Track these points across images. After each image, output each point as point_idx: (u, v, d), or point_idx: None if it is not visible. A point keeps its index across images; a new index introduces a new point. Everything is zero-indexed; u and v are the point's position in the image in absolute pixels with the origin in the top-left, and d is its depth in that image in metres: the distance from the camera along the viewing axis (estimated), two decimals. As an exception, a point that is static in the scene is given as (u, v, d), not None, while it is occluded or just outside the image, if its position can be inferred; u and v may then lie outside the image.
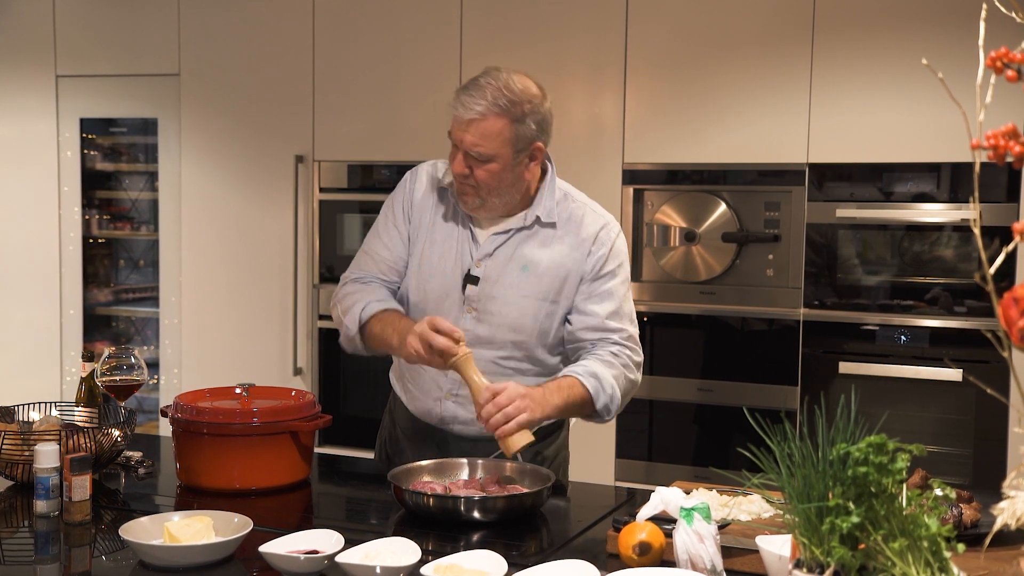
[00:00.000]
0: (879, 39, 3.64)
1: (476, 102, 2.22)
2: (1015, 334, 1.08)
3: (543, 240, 2.34)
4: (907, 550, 1.26)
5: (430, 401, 2.39)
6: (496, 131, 2.21)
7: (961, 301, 3.58)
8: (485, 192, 2.27)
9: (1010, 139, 1.08)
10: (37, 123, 4.89)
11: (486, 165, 2.23)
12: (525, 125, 2.24)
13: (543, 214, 2.33)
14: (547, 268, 2.33)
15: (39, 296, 4.92)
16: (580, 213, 2.37)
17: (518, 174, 2.28)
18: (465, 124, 2.22)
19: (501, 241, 2.33)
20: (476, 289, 2.32)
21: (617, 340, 2.32)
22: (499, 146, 2.22)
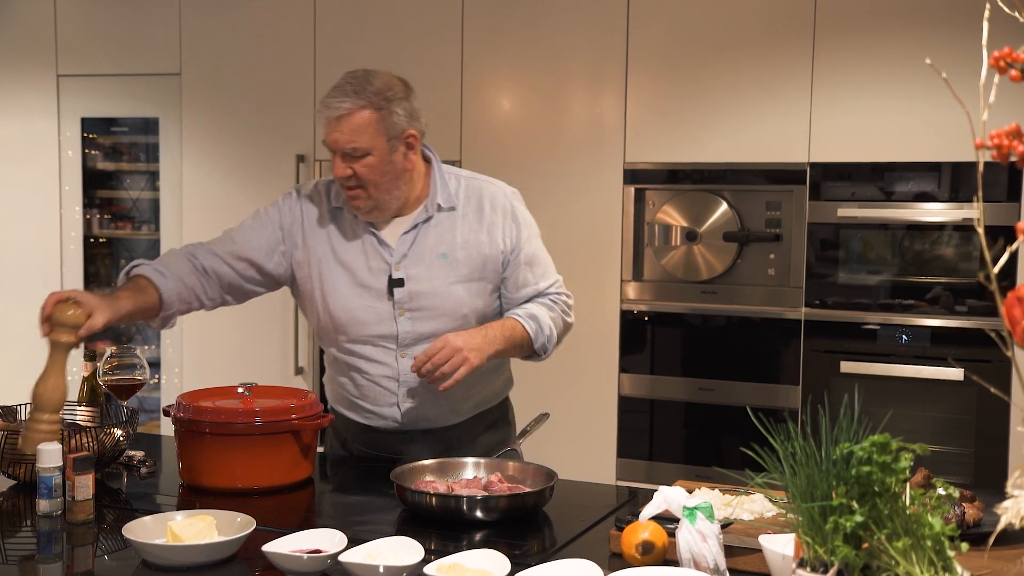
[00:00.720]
0: (880, 38, 3.64)
1: (340, 100, 2.27)
2: (1019, 333, 1.08)
3: (450, 224, 2.40)
4: (911, 549, 1.26)
5: (386, 408, 2.44)
6: (365, 123, 2.26)
7: (962, 300, 3.58)
8: (373, 190, 2.30)
9: (1014, 139, 1.08)
10: (38, 122, 4.89)
11: (364, 160, 2.28)
12: (393, 114, 2.29)
13: (442, 200, 2.39)
14: (464, 249, 2.39)
15: (40, 295, 4.85)
16: (477, 188, 2.44)
17: (399, 166, 2.32)
18: (335, 123, 2.27)
19: (412, 238, 2.38)
20: (403, 291, 2.36)
21: (551, 291, 2.48)
22: (372, 137, 2.27)
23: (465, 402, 2.48)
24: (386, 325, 2.37)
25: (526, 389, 4.12)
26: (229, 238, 2.45)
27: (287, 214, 2.45)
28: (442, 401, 2.42)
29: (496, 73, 4.21)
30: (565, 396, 4.05)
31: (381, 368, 2.41)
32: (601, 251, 4.03)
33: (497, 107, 4.21)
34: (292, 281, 2.48)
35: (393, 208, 2.37)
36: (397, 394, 2.42)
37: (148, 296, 2.31)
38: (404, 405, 2.42)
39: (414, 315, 2.37)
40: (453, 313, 2.37)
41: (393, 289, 2.36)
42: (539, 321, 2.38)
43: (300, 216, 2.44)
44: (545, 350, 2.42)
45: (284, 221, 2.44)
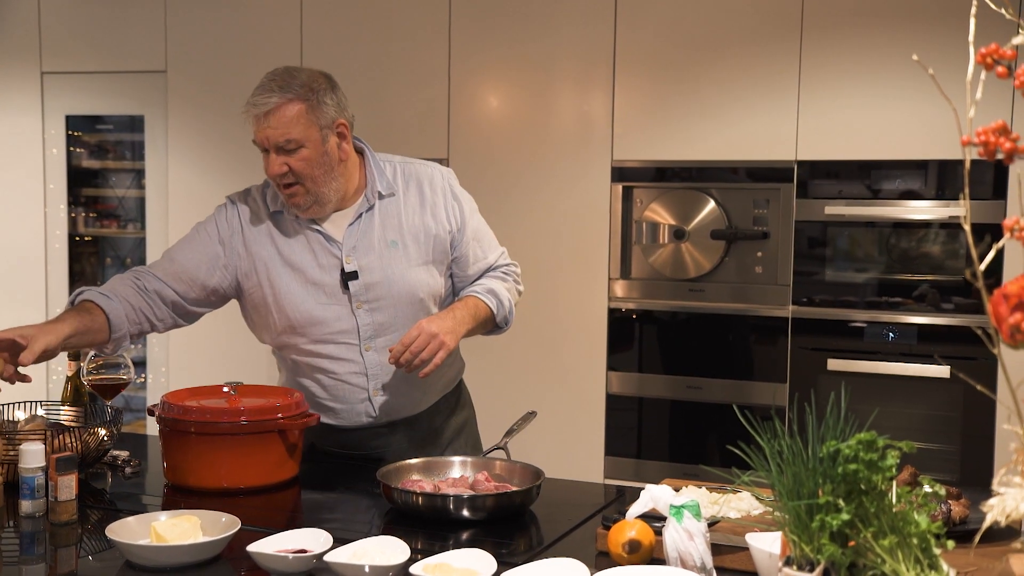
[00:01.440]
0: (867, 37, 3.64)
1: (267, 96, 2.27)
2: (1005, 331, 1.08)
3: (394, 210, 2.40)
4: (897, 547, 1.26)
5: (358, 404, 2.43)
6: (295, 114, 2.26)
7: (948, 298, 3.59)
8: (310, 184, 2.30)
9: (1000, 135, 1.08)
10: (22, 120, 4.86)
11: (299, 153, 2.27)
12: (322, 104, 2.29)
13: (381, 187, 2.40)
14: (411, 234, 2.40)
15: (25, 294, 4.89)
16: (413, 172, 2.45)
17: (333, 156, 2.32)
18: (264, 119, 2.27)
19: (358, 228, 2.38)
20: (358, 283, 2.36)
21: (500, 263, 2.53)
22: (304, 129, 2.27)
23: (431, 388, 2.49)
24: (345, 320, 2.36)
25: (513, 387, 4.13)
26: (169, 259, 2.43)
27: (224, 226, 2.43)
28: (412, 389, 2.43)
29: (483, 71, 4.20)
30: (553, 394, 4.05)
31: (347, 365, 2.40)
32: (589, 249, 4.02)
33: (484, 105, 4.20)
34: (239, 293, 2.46)
35: (332, 201, 2.35)
36: (367, 389, 2.41)
37: (94, 318, 2.25)
38: (376, 399, 2.42)
39: (372, 306, 2.37)
40: (410, 298, 2.38)
41: (348, 283, 2.35)
42: (498, 295, 2.43)
43: (238, 225, 2.42)
44: (507, 322, 2.48)
45: (223, 234, 2.42)
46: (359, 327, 2.37)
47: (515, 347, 4.03)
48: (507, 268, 2.54)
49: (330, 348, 2.39)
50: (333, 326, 2.37)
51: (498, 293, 2.44)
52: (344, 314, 2.36)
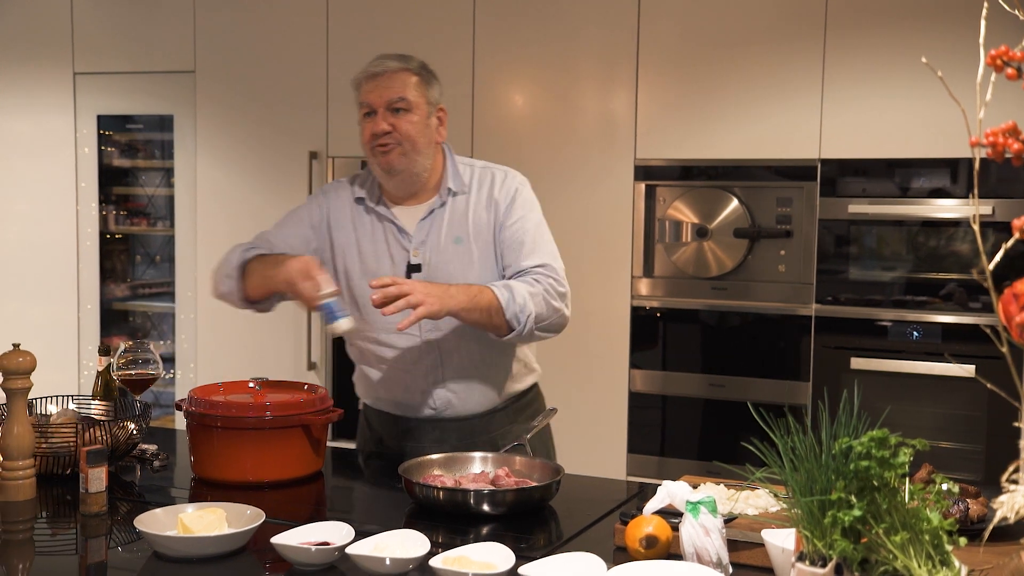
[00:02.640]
0: (891, 34, 3.63)
1: (387, 62, 2.42)
2: (1014, 329, 1.09)
3: (464, 209, 2.46)
4: (908, 543, 1.27)
5: (418, 395, 2.47)
6: (411, 82, 2.42)
7: (976, 297, 3.57)
8: (409, 146, 2.39)
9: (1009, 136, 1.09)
10: (55, 120, 4.94)
11: (406, 116, 2.39)
12: (432, 85, 2.46)
13: (454, 185, 2.46)
14: (477, 233, 2.45)
15: (57, 291, 4.96)
16: (489, 175, 2.50)
17: (432, 134, 2.45)
18: (382, 79, 2.40)
19: (428, 224, 2.45)
20: (421, 276, 2.41)
21: (537, 272, 2.41)
22: (416, 96, 2.41)
23: (493, 388, 2.50)
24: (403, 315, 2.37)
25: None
26: (265, 240, 2.53)
27: (315, 211, 2.54)
28: (472, 386, 2.46)
29: (507, 70, 4.22)
30: (576, 392, 4.07)
31: (407, 354, 2.46)
32: (612, 247, 4.04)
33: (508, 104, 4.23)
34: None
35: (418, 177, 2.44)
36: (427, 381, 2.46)
37: None
38: (436, 392, 2.46)
39: None
40: None
41: (411, 275, 2.41)
42: (512, 290, 2.32)
43: (327, 210, 2.53)
44: (518, 321, 2.32)
45: (313, 219, 2.53)
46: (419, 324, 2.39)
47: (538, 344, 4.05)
48: (540, 276, 2.40)
49: (392, 338, 2.45)
50: (395, 316, 2.35)
51: (513, 288, 2.33)
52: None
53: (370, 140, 2.41)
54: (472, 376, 2.47)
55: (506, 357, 2.51)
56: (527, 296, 2.33)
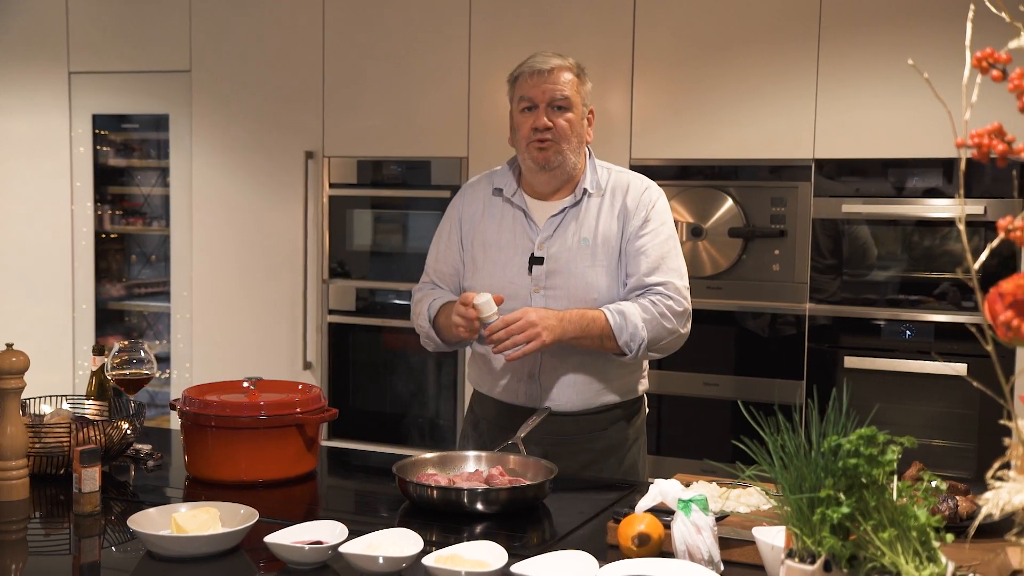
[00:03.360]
0: (885, 34, 3.65)
1: (550, 59, 2.47)
2: (998, 328, 1.10)
3: (595, 212, 2.49)
4: (896, 540, 1.28)
5: (515, 383, 2.51)
6: (571, 81, 2.47)
7: (969, 296, 3.59)
8: (565, 144, 2.45)
9: (994, 137, 1.10)
10: (50, 119, 4.94)
11: (566, 114, 2.45)
12: (586, 83, 2.51)
13: (590, 186, 2.50)
14: (603, 237, 2.47)
15: (52, 291, 4.97)
16: (625, 181, 2.53)
17: (581, 134, 2.50)
18: (545, 75, 2.45)
19: (558, 221, 2.49)
20: (542, 268, 2.46)
21: (657, 291, 2.43)
22: (574, 95, 2.47)
23: (590, 388, 2.50)
24: (522, 300, 2.45)
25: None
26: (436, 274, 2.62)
27: (452, 223, 2.61)
28: (567, 383, 2.47)
29: (503, 70, 4.19)
30: (571, 391, 4.07)
31: None
32: (607, 247, 4.04)
33: (504, 103, 4.21)
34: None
35: (567, 174, 2.49)
36: (523, 371, 2.49)
37: None
38: (530, 383, 2.49)
39: (548, 293, 2.45)
40: (584, 296, 2.44)
41: (533, 266, 2.46)
42: (625, 316, 2.37)
43: (459, 215, 2.61)
44: (630, 348, 2.38)
45: (452, 234, 2.60)
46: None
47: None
48: (658, 299, 2.41)
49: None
50: (509, 303, 2.43)
51: (626, 314, 2.37)
52: (523, 294, 2.46)
53: (529, 134, 2.46)
54: (568, 374, 2.47)
55: (608, 362, 2.49)
56: (640, 323, 2.38)
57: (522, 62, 2.52)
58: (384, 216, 4.50)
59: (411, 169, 4.42)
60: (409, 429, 4.48)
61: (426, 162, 4.35)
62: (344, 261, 4.52)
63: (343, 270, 4.52)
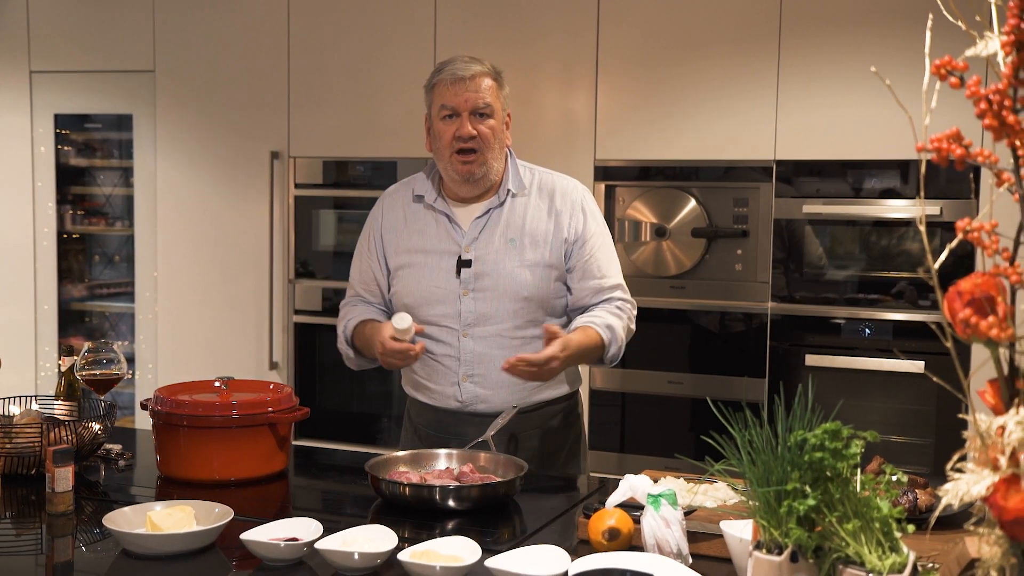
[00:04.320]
0: (845, 37, 3.71)
1: (470, 66, 2.46)
2: (957, 325, 1.15)
3: (521, 211, 2.51)
4: (860, 531, 1.33)
5: (448, 387, 2.51)
6: (491, 87, 2.47)
7: (926, 295, 3.66)
8: (488, 153, 2.46)
9: (952, 142, 1.14)
10: (11, 119, 4.90)
11: (488, 121, 2.45)
12: (504, 89, 2.51)
13: (513, 187, 2.52)
14: (531, 236, 2.49)
15: (13, 291, 4.93)
16: (551, 181, 2.57)
17: (503, 137, 2.51)
18: (467, 83, 2.43)
19: (483, 223, 2.50)
20: (470, 271, 2.47)
21: (618, 297, 2.53)
22: (495, 100, 2.47)
23: (524, 387, 2.51)
24: (451, 304, 2.47)
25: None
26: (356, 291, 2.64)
27: (375, 222, 2.62)
28: (499, 386, 2.49)
29: (468, 71, 4.25)
30: (537, 390, 4.10)
31: (444, 348, 2.49)
32: (572, 247, 4.08)
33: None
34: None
35: (490, 180, 2.50)
36: (458, 374, 2.49)
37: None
38: (464, 385, 2.49)
39: (477, 295, 2.46)
40: (514, 295, 2.46)
41: (461, 269, 2.47)
42: (614, 332, 2.46)
43: (380, 215, 2.61)
44: (613, 360, 2.51)
45: (374, 245, 2.60)
46: (461, 313, 2.46)
47: (500, 343, 4.08)
48: (623, 304, 2.54)
49: (432, 330, 2.49)
50: (438, 308, 2.48)
51: (615, 329, 2.46)
52: (451, 297, 2.47)
53: (452, 142, 2.45)
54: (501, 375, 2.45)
55: None
56: (622, 334, 2.49)
57: (439, 67, 2.50)
58: (350, 216, 4.51)
59: (377, 169, 4.43)
60: (375, 428, 4.49)
61: (392, 162, 4.37)
62: (309, 261, 4.52)
63: (308, 270, 4.53)
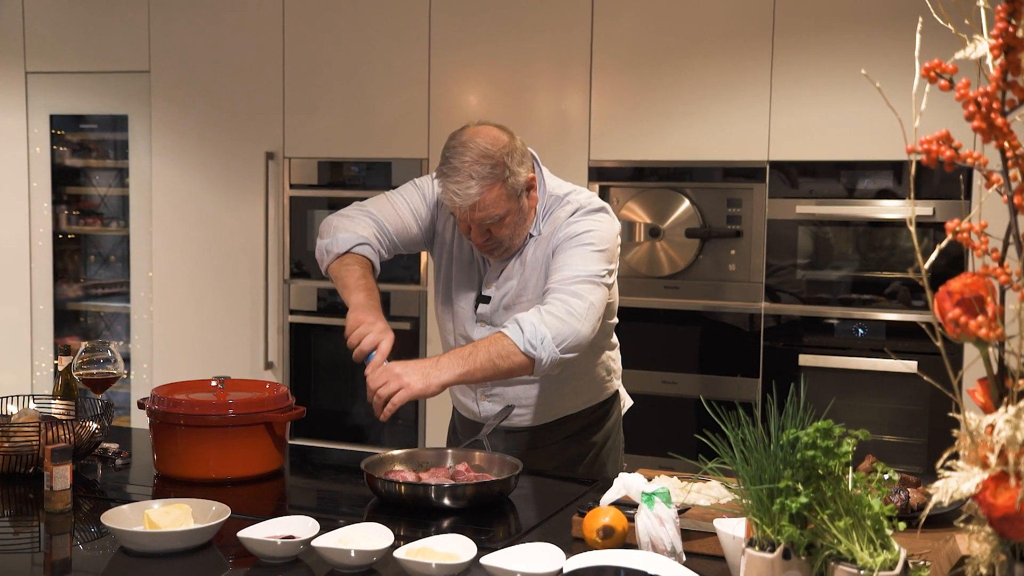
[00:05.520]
0: (838, 38, 3.73)
1: (467, 188, 2.27)
2: (947, 325, 1.16)
3: (534, 247, 2.45)
4: (852, 528, 1.34)
5: (469, 401, 2.58)
6: (495, 197, 2.30)
7: (918, 295, 3.68)
8: (508, 241, 2.40)
9: (942, 144, 1.16)
10: (7, 119, 4.90)
11: (502, 223, 2.35)
12: (514, 175, 2.33)
13: (534, 230, 2.45)
14: (540, 269, 2.43)
15: (9, 291, 4.93)
16: (558, 209, 2.44)
17: (526, 210, 2.41)
18: (468, 208, 2.30)
19: (505, 263, 2.47)
20: (486, 307, 2.48)
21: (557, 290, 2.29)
22: (505, 204, 2.32)
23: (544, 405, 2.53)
24: (467, 328, 2.50)
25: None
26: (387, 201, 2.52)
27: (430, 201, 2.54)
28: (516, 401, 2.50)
29: (463, 72, 4.27)
30: (531, 389, 4.11)
31: None
32: (567, 247, 4.09)
33: (464, 105, 4.28)
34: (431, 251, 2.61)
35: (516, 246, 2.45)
36: (476, 392, 2.54)
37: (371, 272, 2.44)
38: (483, 403, 2.54)
39: (492, 328, 2.43)
40: None
41: (479, 305, 2.49)
42: (520, 323, 2.23)
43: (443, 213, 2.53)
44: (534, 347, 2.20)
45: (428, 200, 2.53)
46: (475, 339, 2.43)
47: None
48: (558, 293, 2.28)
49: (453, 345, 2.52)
50: (459, 328, 2.52)
51: (520, 320, 2.24)
52: (468, 323, 2.51)
53: (473, 242, 2.41)
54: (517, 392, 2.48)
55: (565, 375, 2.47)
56: (534, 322, 2.22)
57: (441, 173, 2.32)
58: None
59: (371, 170, 4.44)
60: (369, 428, 4.50)
61: (387, 163, 4.38)
62: (304, 261, 4.53)
63: (303, 270, 4.54)
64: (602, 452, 2.64)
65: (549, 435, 2.56)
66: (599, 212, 2.42)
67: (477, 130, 2.37)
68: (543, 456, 2.55)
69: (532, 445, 2.55)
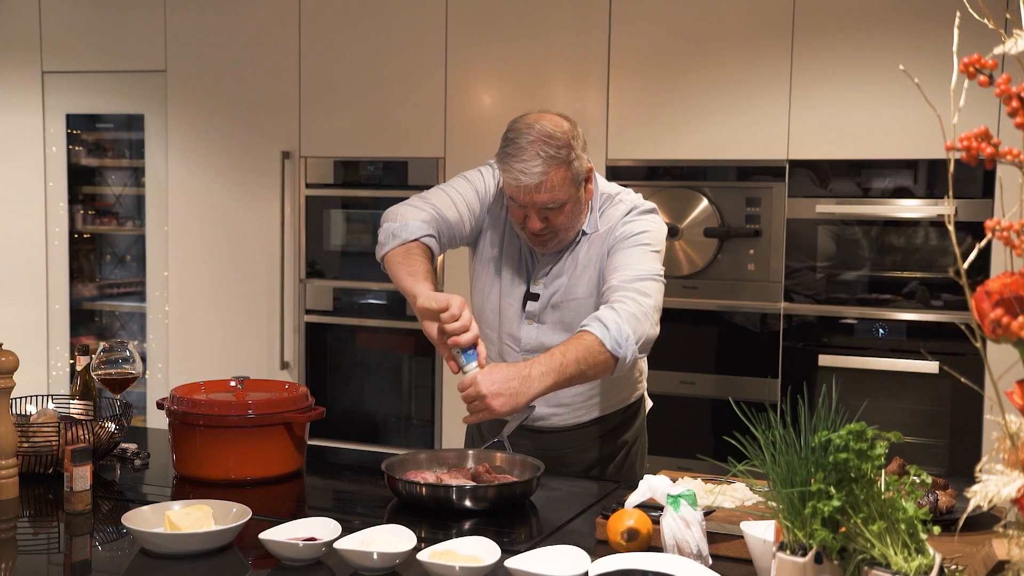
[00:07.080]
0: (858, 37, 3.71)
1: (533, 166, 2.25)
2: (987, 325, 1.14)
3: (586, 246, 2.43)
4: (885, 532, 1.32)
5: None
6: (560, 179, 2.28)
7: (938, 295, 3.65)
8: (563, 232, 2.37)
9: (982, 141, 1.14)
10: (23, 119, 4.91)
11: (561, 210, 2.32)
12: (579, 158, 2.32)
13: (588, 227, 2.43)
14: (593, 267, 2.41)
15: (25, 291, 4.94)
16: (612, 208, 2.43)
17: (583, 201, 2.40)
18: (533, 188, 2.26)
19: (555, 259, 2.44)
20: (535, 304, 2.44)
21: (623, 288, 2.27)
22: (567, 189, 2.30)
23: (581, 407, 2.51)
24: (514, 327, 2.46)
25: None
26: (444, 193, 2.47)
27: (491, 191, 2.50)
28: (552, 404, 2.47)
29: (479, 69, 4.25)
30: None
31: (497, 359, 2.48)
32: (584, 247, 4.07)
33: (480, 103, 4.26)
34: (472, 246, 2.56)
35: (570, 239, 2.42)
36: None
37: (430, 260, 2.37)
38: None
39: (540, 326, 2.43)
40: (573, 326, 2.36)
41: (527, 303, 2.45)
42: (603, 321, 2.19)
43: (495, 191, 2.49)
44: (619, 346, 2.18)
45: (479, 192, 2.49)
46: (522, 339, 2.44)
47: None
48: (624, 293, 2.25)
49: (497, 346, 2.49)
50: (503, 327, 2.47)
51: (602, 317, 2.21)
52: (515, 321, 2.46)
53: (522, 222, 2.36)
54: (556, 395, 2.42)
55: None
56: (616, 319, 2.19)
57: (505, 151, 2.29)
58: (361, 216, 4.51)
59: (388, 169, 4.43)
60: (385, 428, 4.49)
61: (403, 162, 4.37)
62: (321, 261, 4.52)
63: (318, 270, 4.53)
64: (631, 451, 2.63)
65: (583, 435, 2.54)
66: (652, 213, 2.44)
67: (540, 115, 2.35)
68: (576, 456, 2.53)
69: (565, 445, 2.52)
